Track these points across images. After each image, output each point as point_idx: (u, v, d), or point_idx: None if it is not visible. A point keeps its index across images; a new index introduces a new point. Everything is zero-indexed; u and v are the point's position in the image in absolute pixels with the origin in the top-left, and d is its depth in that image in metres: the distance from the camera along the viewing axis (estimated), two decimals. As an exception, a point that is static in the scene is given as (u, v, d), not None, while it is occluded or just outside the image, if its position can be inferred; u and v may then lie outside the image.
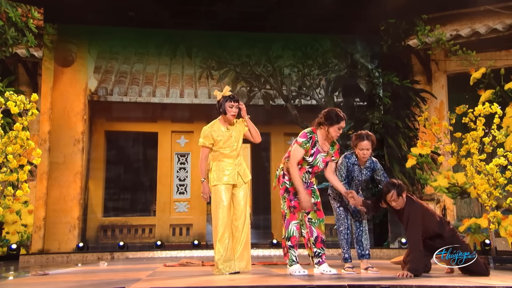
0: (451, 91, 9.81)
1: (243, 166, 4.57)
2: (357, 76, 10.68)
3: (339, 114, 4.21)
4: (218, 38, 10.77)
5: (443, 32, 9.81)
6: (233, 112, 4.49)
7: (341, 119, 4.18)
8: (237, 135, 4.56)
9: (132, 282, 3.67)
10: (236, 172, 4.47)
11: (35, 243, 9.11)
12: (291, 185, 4.23)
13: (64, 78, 10.00)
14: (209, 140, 4.47)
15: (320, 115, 4.27)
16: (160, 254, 9.22)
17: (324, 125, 4.19)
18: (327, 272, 4.13)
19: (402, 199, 4.08)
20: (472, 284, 3.29)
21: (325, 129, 4.19)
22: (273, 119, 10.76)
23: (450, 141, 7.33)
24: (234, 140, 4.51)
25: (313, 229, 4.24)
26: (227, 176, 4.43)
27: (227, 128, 4.53)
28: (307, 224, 4.27)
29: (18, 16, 9.21)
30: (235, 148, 4.51)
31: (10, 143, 5.84)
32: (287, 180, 4.27)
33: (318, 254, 4.22)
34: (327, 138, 4.24)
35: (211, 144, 4.48)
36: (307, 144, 4.16)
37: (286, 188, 4.28)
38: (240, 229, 4.43)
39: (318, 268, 4.21)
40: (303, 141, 4.17)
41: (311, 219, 4.25)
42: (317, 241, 4.22)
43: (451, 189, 9.36)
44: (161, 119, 10.45)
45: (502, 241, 8.17)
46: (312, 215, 4.25)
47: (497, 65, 9.33)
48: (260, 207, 10.37)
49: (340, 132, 4.22)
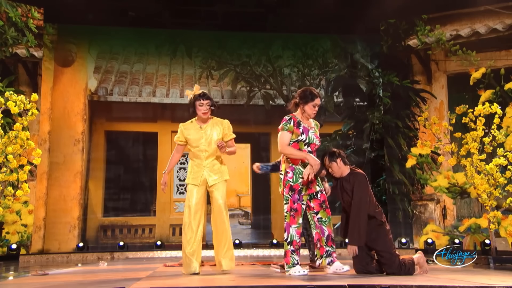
0: (451, 91, 9.81)
1: (216, 167, 4.47)
2: (357, 76, 10.68)
3: (313, 91, 4.35)
4: (218, 38, 10.76)
5: (443, 32, 9.81)
6: (204, 110, 4.43)
7: (315, 97, 4.31)
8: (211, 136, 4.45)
9: (132, 282, 3.68)
10: (203, 173, 4.41)
11: (35, 243, 9.11)
12: (295, 182, 4.21)
13: (64, 78, 9.99)
14: (179, 137, 4.52)
15: (295, 95, 4.43)
16: (160, 254, 9.21)
17: (300, 104, 4.33)
18: (341, 270, 4.11)
19: (336, 166, 4.16)
20: (472, 284, 3.29)
21: (301, 108, 4.32)
22: (273, 119, 10.73)
23: (450, 141, 7.33)
24: (205, 141, 4.44)
25: (324, 228, 4.23)
26: (194, 176, 4.42)
27: (201, 127, 4.49)
28: (317, 224, 4.25)
29: (18, 16, 9.20)
30: (206, 149, 4.44)
31: (10, 143, 5.84)
32: (290, 177, 4.24)
33: (329, 253, 4.20)
34: (304, 117, 4.34)
35: (181, 141, 4.51)
36: (288, 125, 4.27)
37: (290, 187, 4.23)
38: (219, 229, 4.40)
39: (331, 267, 4.18)
40: (284, 124, 4.30)
41: (321, 218, 4.25)
42: (328, 240, 4.22)
43: (451, 189, 9.37)
44: (161, 119, 10.44)
45: (502, 241, 8.17)
46: (322, 214, 4.25)
47: (497, 65, 9.33)
48: (260, 207, 10.37)
49: (316, 110, 4.32)
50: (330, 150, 4.23)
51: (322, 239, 4.23)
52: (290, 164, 4.27)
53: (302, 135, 4.26)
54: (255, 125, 10.71)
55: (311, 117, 4.36)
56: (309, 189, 4.28)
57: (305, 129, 4.30)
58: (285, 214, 4.24)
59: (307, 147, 4.28)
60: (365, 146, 10.40)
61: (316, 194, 4.28)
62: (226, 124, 4.58)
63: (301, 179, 4.20)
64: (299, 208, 4.21)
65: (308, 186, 4.27)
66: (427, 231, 9.39)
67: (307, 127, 4.31)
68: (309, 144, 4.29)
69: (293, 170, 4.23)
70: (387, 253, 3.99)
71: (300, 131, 4.26)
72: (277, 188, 4.48)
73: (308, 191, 4.27)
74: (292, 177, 4.23)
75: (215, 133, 4.47)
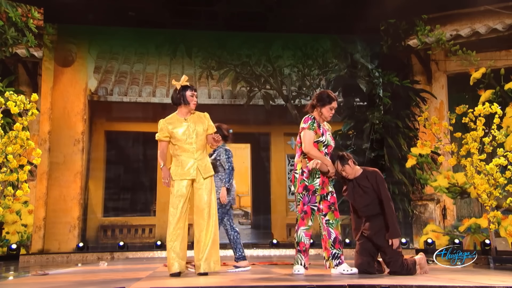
0: (451, 91, 9.81)
1: (204, 162, 4.33)
2: (357, 76, 10.68)
3: (331, 95, 4.37)
4: (218, 38, 10.77)
5: (443, 32, 9.81)
6: (194, 101, 4.34)
7: (332, 100, 4.35)
8: (196, 128, 4.31)
9: (132, 282, 3.67)
10: (195, 167, 4.25)
11: (35, 243, 9.11)
12: (310, 182, 4.21)
13: (64, 78, 9.99)
14: (164, 133, 4.30)
15: (313, 97, 4.46)
16: (160, 254, 9.21)
17: (317, 106, 4.35)
18: (347, 271, 4.10)
19: (350, 168, 4.16)
20: (472, 284, 3.29)
21: (318, 111, 4.34)
22: (273, 119, 10.76)
23: (450, 141, 7.33)
24: (192, 132, 4.28)
25: (331, 231, 4.23)
26: (185, 171, 4.23)
27: (185, 119, 4.34)
28: (325, 226, 4.25)
29: (18, 16, 9.21)
30: (194, 141, 4.29)
31: (10, 143, 5.84)
32: (306, 177, 4.23)
33: (337, 255, 4.20)
34: (321, 119, 4.37)
35: (166, 137, 4.30)
36: (313, 125, 4.27)
37: (305, 186, 4.22)
38: (203, 227, 4.24)
39: (337, 268, 4.17)
40: (310, 123, 4.28)
41: (328, 220, 4.25)
42: (335, 242, 4.21)
43: (451, 189, 9.37)
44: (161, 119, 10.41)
45: (502, 241, 8.17)
46: (330, 216, 4.25)
47: (497, 65, 9.33)
48: (260, 207, 10.36)
49: (333, 112, 4.37)
50: (338, 154, 4.23)
51: (328, 241, 4.23)
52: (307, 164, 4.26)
53: (323, 136, 4.28)
54: (255, 125, 10.71)
55: (327, 120, 4.40)
56: (322, 189, 4.27)
57: (324, 130, 4.33)
58: (297, 215, 4.29)
59: (325, 148, 4.31)
60: (365, 146, 10.40)
61: (326, 196, 4.28)
62: (208, 117, 4.46)
63: (317, 179, 4.21)
64: (309, 211, 4.21)
65: (321, 187, 4.26)
66: (427, 231, 9.39)
67: (326, 129, 4.37)
68: (327, 146, 4.31)
69: (310, 169, 4.22)
70: (392, 251, 3.99)
71: (321, 132, 4.29)
72: (277, 188, 4.51)
73: (321, 191, 4.27)
74: (308, 177, 4.22)
75: (200, 126, 4.34)
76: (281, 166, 10.47)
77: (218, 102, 10.61)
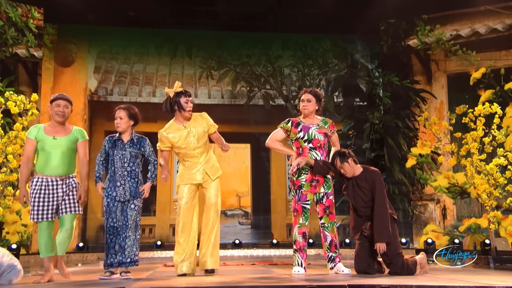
0: (451, 91, 9.81)
1: (210, 163, 4.35)
2: (357, 76, 10.68)
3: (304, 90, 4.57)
4: (218, 38, 10.76)
5: (443, 32, 9.81)
6: (189, 107, 4.29)
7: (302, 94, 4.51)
8: (197, 132, 4.29)
9: (132, 282, 3.67)
10: (201, 171, 4.29)
11: (35, 243, 9.10)
12: (297, 178, 4.30)
13: (64, 78, 9.99)
14: (164, 144, 4.32)
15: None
16: (160, 254, 9.21)
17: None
18: (342, 271, 4.13)
19: (349, 166, 4.14)
20: (472, 284, 3.29)
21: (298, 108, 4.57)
22: (273, 119, 10.72)
23: (450, 141, 7.34)
24: (193, 137, 4.26)
25: (326, 234, 4.26)
26: (191, 176, 4.28)
27: (184, 126, 4.30)
28: (321, 229, 4.29)
29: (18, 16, 9.20)
30: (197, 146, 4.28)
31: (10, 143, 5.85)
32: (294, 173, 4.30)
33: (332, 258, 4.24)
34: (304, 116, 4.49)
35: (167, 147, 4.32)
36: (285, 124, 4.48)
37: (293, 181, 4.35)
38: (209, 226, 4.31)
39: (332, 270, 4.21)
40: (282, 123, 4.53)
41: (323, 223, 4.27)
42: (331, 245, 4.24)
43: (451, 189, 9.36)
44: (161, 119, 10.33)
45: (502, 241, 8.16)
46: (325, 219, 4.27)
47: (497, 65, 9.33)
48: (260, 207, 10.36)
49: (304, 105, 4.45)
50: (340, 151, 4.24)
51: (324, 244, 4.26)
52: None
53: (300, 133, 4.37)
54: (255, 125, 10.70)
55: (304, 113, 4.47)
56: (313, 187, 4.27)
57: (305, 127, 4.38)
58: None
59: (308, 143, 4.34)
60: (365, 146, 10.40)
61: (321, 198, 4.29)
62: (207, 117, 4.43)
63: (303, 175, 4.27)
64: (300, 209, 4.26)
65: (311, 185, 4.26)
66: (427, 231, 9.39)
67: (307, 125, 4.40)
68: (310, 141, 4.35)
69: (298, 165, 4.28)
70: (393, 252, 3.98)
71: (298, 129, 4.39)
72: (277, 188, 4.59)
73: (311, 189, 4.27)
74: (295, 173, 4.31)
75: (200, 128, 4.32)
76: (281, 166, 10.46)
77: (218, 102, 10.61)
